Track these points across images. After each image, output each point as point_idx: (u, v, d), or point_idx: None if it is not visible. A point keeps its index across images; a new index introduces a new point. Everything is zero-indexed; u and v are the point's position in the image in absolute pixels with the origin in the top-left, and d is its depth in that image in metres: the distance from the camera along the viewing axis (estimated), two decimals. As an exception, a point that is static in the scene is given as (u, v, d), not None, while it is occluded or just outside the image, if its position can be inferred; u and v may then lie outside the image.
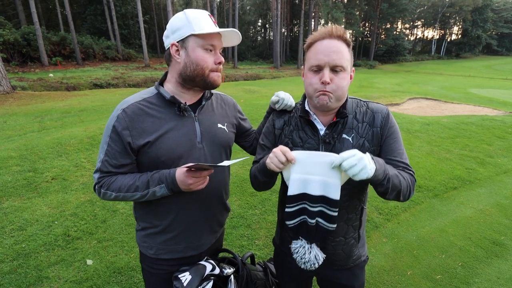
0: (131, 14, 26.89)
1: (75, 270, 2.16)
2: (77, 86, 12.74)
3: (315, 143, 0.97)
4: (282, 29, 34.55)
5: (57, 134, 4.86)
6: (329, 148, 0.96)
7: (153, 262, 1.05)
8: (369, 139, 0.96)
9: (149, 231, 1.03)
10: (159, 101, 0.97)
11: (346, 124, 0.97)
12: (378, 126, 0.97)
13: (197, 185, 0.90)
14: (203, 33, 0.89)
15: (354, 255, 1.08)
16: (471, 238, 2.61)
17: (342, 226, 1.02)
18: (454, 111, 10.00)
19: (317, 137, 0.98)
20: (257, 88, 14.35)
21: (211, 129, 1.04)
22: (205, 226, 1.09)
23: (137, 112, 0.92)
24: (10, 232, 2.54)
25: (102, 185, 0.94)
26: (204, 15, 0.92)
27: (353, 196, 1.01)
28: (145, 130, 0.92)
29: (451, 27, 52.81)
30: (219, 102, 1.13)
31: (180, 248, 1.05)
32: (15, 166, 3.62)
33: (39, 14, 22.78)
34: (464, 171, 4.09)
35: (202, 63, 0.92)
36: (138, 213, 1.06)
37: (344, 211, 1.00)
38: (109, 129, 0.93)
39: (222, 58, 0.96)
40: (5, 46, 16.72)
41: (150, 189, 0.91)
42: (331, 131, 0.97)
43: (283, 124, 1.07)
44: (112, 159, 0.93)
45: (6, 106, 7.80)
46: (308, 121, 0.99)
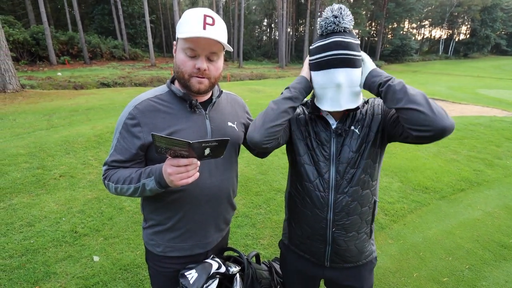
0: (138, 14, 27.10)
1: (82, 266, 2.19)
2: (85, 85, 12.90)
3: (327, 136, 1.02)
4: (287, 28, 34.46)
5: (65, 132, 4.93)
6: (340, 140, 1.00)
7: (160, 260, 1.06)
8: (373, 129, 1.00)
9: (156, 228, 1.04)
10: (171, 98, 0.97)
11: (356, 117, 1.02)
12: (380, 112, 1.01)
13: (179, 178, 0.79)
14: (182, 37, 0.86)
15: (366, 251, 1.09)
16: (478, 240, 2.57)
17: (356, 220, 1.02)
18: (462, 112, 9.86)
19: (329, 130, 1.02)
20: (262, 87, 14.34)
21: (221, 127, 1.04)
22: (212, 224, 1.09)
23: (149, 108, 0.93)
24: (19, 228, 2.58)
25: (106, 176, 0.97)
26: (197, 16, 0.87)
27: (365, 186, 1.01)
28: (157, 126, 0.93)
29: (459, 27, 52.01)
30: (229, 101, 1.14)
31: (187, 246, 1.06)
32: (24, 163, 3.69)
33: (48, 13, 23.12)
34: (471, 172, 4.03)
35: (181, 67, 0.91)
36: (146, 210, 1.07)
37: (357, 203, 1.00)
38: (120, 125, 0.94)
39: (203, 64, 0.89)
40: (15, 45, 17.01)
41: (141, 181, 0.88)
42: (343, 124, 1.01)
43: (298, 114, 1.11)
44: (118, 154, 0.95)
45: (15, 104, 7.93)
46: (319, 116, 1.04)
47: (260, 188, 3.44)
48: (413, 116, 0.80)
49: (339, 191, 0.99)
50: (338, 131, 0.99)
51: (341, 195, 0.99)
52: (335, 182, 0.99)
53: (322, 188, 1.00)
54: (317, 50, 0.94)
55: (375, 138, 0.99)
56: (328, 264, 1.07)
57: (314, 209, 1.02)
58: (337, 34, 0.90)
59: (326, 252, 1.05)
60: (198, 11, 0.88)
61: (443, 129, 0.77)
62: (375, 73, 0.91)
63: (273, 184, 3.56)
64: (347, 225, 1.01)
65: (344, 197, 0.99)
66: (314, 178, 1.01)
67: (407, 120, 0.82)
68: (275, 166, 3.94)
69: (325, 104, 0.96)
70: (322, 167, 1.00)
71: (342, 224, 1.00)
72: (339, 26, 0.90)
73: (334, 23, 0.90)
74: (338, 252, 1.04)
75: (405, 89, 0.83)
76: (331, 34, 0.91)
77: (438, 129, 0.77)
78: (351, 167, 0.99)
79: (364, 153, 0.99)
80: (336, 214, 1.00)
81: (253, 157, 4.26)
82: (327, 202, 1.00)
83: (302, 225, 1.08)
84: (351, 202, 0.99)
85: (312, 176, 1.01)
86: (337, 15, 0.90)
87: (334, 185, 0.99)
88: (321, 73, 0.94)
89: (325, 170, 1.00)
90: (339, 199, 0.99)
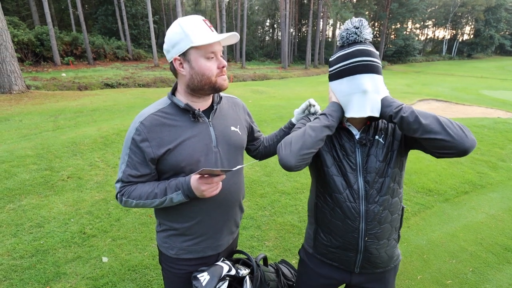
0: (141, 15, 27.25)
1: (91, 267, 2.24)
2: (89, 85, 13.00)
3: (351, 146, 1.02)
4: (290, 29, 34.45)
5: (71, 133, 5.00)
6: (365, 150, 1.01)
7: (174, 262, 1.10)
8: (396, 137, 1.03)
9: (170, 232, 1.08)
10: (174, 110, 1.00)
11: (378, 126, 1.04)
12: None
13: (211, 192, 0.92)
14: (204, 43, 0.90)
15: (395, 256, 1.11)
16: (482, 243, 2.59)
17: (387, 228, 1.03)
18: (465, 113, 9.83)
19: (353, 141, 1.02)
20: (265, 88, 14.36)
21: (225, 132, 1.07)
22: (224, 228, 1.13)
23: (154, 123, 0.96)
24: (29, 229, 2.64)
25: (123, 193, 0.99)
26: (199, 23, 0.92)
27: (394, 194, 1.03)
28: (164, 140, 0.96)
29: (463, 27, 51.75)
30: (230, 105, 1.17)
31: (200, 248, 1.10)
32: (32, 164, 3.75)
33: (52, 14, 23.31)
34: (475, 175, 4.04)
35: (207, 72, 0.95)
36: (159, 216, 1.11)
37: (387, 212, 1.02)
38: (129, 141, 0.97)
39: (225, 61, 0.98)
40: (20, 46, 17.16)
41: (168, 196, 0.95)
42: (366, 134, 1.02)
43: None
44: (133, 170, 0.98)
45: (21, 105, 8.03)
46: (342, 127, 1.05)
47: (264, 190, 3.48)
48: (432, 144, 0.85)
49: (369, 200, 0.99)
50: (362, 141, 1.00)
51: (372, 205, 0.99)
52: (365, 192, 0.99)
53: (353, 198, 1.00)
54: (340, 59, 0.97)
55: (399, 146, 1.01)
56: (358, 270, 1.09)
57: (345, 220, 1.02)
58: (358, 44, 0.94)
59: (357, 260, 1.06)
60: (197, 19, 0.94)
61: (465, 150, 0.83)
62: (386, 103, 0.93)
63: (278, 186, 3.60)
64: (379, 233, 1.02)
65: (375, 207, 1.00)
66: (344, 189, 1.01)
67: (428, 145, 0.88)
68: (279, 168, 3.97)
69: (350, 111, 0.95)
70: (350, 177, 1.00)
71: (374, 233, 1.01)
72: (360, 37, 0.94)
73: (355, 34, 0.94)
74: (370, 259, 1.05)
75: (418, 119, 0.85)
76: (353, 44, 0.95)
77: (460, 151, 0.83)
78: (379, 176, 1.00)
79: (391, 162, 1.01)
80: (368, 223, 1.00)
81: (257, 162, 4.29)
82: (359, 213, 1.00)
83: (332, 235, 1.07)
84: (382, 211, 1.00)
85: (342, 187, 1.01)
86: (358, 26, 0.94)
87: (364, 195, 0.99)
88: (346, 80, 0.95)
89: (354, 181, 1.00)
90: (371, 208, 0.99)
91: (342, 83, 0.96)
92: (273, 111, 7.27)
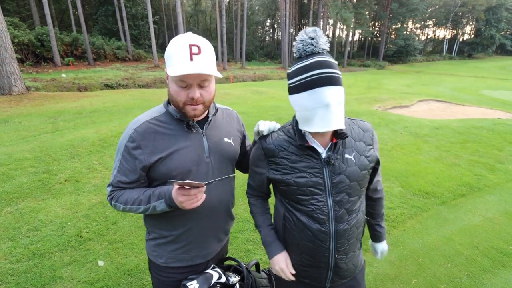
0: (141, 15, 27.28)
1: (87, 270, 2.24)
2: (89, 86, 13.03)
3: (319, 166, 0.97)
4: (290, 29, 34.44)
5: (70, 135, 5.01)
6: (333, 169, 0.97)
7: (163, 270, 1.11)
8: (368, 157, 1.02)
9: (159, 241, 1.09)
10: (169, 119, 1.02)
11: (346, 144, 1.00)
12: (371, 144, 1.05)
13: (190, 204, 0.90)
14: (171, 74, 0.88)
15: (360, 264, 1.14)
16: (478, 247, 2.59)
17: (354, 242, 1.05)
18: (465, 113, 9.84)
19: (319, 160, 0.97)
20: (265, 89, 14.37)
21: (218, 143, 1.09)
22: (212, 236, 1.14)
23: (148, 130, 0.98)
24: (26, 232, 2.65)
25: (112, 197, 1.02)
26: (182, 50, 0.88)
27: (360, 210, 1.05)
28: (157, 148, 0.97)
29: (463, 27, 51.65)
30: (225, 117, 1.18)
31: (188, 257, 1.10)
32: (30, 167, 3.76)
33: (53, 15, 23.36)
34: (473, 177, 4.04)
35: (175, 97, 0.95)
36: (148, 224, 1.12)
37: (355, 228, 1.03)
38: (122, 148, 0.99)
39: (196, 93, 0.93)
40: (20, 47, 17.21)
41: (151, 204, 0.96)
42: (333, 152, 0.97)
43: (276, 150, 1.02)
44: (123, 176, 1.00)
45: (21, 106, 8.05)
46: (307, 146, 0.98)
47: (261, 193, 3.48)
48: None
49: (339, 220, 0.98)
50: (329, 161, 0.96)
51: (342, 224, 0.98)
52: (334, 213, 0.97)
53: (323, 220, 0.97)
54: (299, 71, 0.91)
55: (370, 167, 1.02)
56: (329, 285, 1.09)
57: (315, 241, 1.00)
58: (317, 55, 0.90)
59: (328, 276, 1.06)
60: (183, 42, 0.89)
61: None
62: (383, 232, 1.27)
63: (275, 188, 3.60)
64: (347, 249, 1.03)
65: (345, 225, 0.99)
66: (313, 212, 0.98)
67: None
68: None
69: (314, 126, 0.90)
70: (318, 198, 0.97)
71: (343, 250, 1.02)
72: (317, 47, 0.90)
73: (312, 45, 0.90)
74: (339, 273, 1.06)
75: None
76: (311, 56, 0.90)
77: None
78: (348, 195, 0.98)
79: (362, 181, 1.01)
80: (338, 242, 1.00)
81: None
82: (329, 234, 0.98)
83: (302, 255, 1.05)
84: (350, 229, 1.00)
85: (310, 209, 0.98)
86: (313, 37, 0.90)
87: (334, 216, 0.97)
88: (306, 94, 0.90)
89: (323, 202, 0.97)
90: (340, 228, 0.98)
91: (303, 97, 0.91)
92: (272, 112, 7.28)
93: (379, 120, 6.87)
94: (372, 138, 1.05)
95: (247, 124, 5.48)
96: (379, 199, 1.21)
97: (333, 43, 39.45)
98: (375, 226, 1.26)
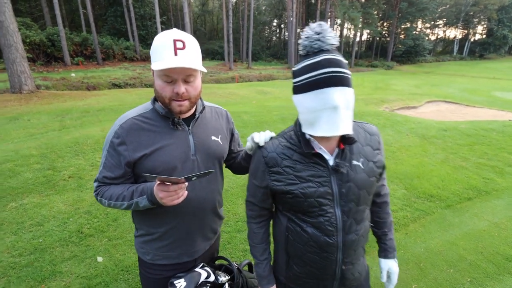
0: (149, 15, 27.60)
1: (86, 266, 2.27)
2: (97, 85, 13.22)
3: (326, 174, 0.90)
4: (297, 29, 34.30)
5: (76, 133, 5.09)
6: (341, 177, 0.90)
7: (150, 267, 1.11)
8: (376, 162, 0.96)
9: (145, 238, 1.09)
10: (154, 116, 1.02)
11: (353, 149, 0.93)
12: (378, 148, 0.99)
13: (170, 200, 0.88)
14: (155, 69, 0.88)
15: (364, 270, 1.09)
16: (483, 252, 2.52)
17: (360, 251, 1.01)
18: (476, 115, 9.62)
19: (327, 167, 0.90)
20: (270, 89, 14.35)
21: (204, 141, 1.08)
22: (198, 234, 1.13)
23: (133, 127, 0.98)
24: (29, 227, 2.69)
25: (98, 193, 1.03)
26: (166, 44, 0.89)
27: (367, 219, 1.00)
28: (141, 144, 0.97)
29: (475, 27, 50.51)
30: (213, 115, 1.17)
31: (175, 254, 1.10)
32: (35, 164, 3.83)
33: (63, 15, 23.83)
34: (480, 180, 3.94)
35: (161, 93, 0.95)
36: (136, 221, 1.12)
37: (361, 237, 0.98)
38: (107, 144, 0.99)
39: (181, 88, 0.92)
40: (31, 47, 17.60)
41: (134, 200, 0.96)
42: (341, 158, 0.90)
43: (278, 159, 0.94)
44: (108, 172, 1.00)
45: (30, 104, 8.22)
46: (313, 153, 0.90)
47: (262, 193, 3.46)
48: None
49: (347, 231, 0.92)
50: (338, 168, 0.89)
51: (350, 235, 0.93)
52: (343, 223, 0.91)
53: (331, 232, 0.91)
54: (305, 69, 0.83)
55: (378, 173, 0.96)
56: None
57: (322, 253, 0.94)
58: (325, 53, 0.81)
59: (334, 286, 1.01)
60: (167, 37, 0.89)
61: None
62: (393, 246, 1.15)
63: (276, 188, 3.58)
64: (354, 259, 0.98)
65: (353, 236, 0.94)
66: (320, 223, 0.91)
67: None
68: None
69: (319, 129, 0.82)
70: (326, 209, 0.90)
71: (350, 260, 0.97)
72: (325, 43, 0.82)
73: (319, 40, 0.82)
74: (345, 283, 1.01)
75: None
76: (319, 53, 0.82)
77: None
78: (357, 204, 0.92)
79: (370, 189, 0.95)
80: (345, 253, 0.94)
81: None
82: (337, 245, 0.92)
83: (307, 267, 0.99)
84: (358, 239, 0.96)
85: (318, 221, 0.91)
86: (320, 31, 0.82)
87: (342, 226, 0.91)
88: (312, 94, 0.82)
89: (331, 213, 0.91)
90: (348, 238, 0.93)
91: (309, 98, 0.83)
92: (276, 112, 7.25)
93: (385, 121, 6.77)
94: (379, 142, 1.00)
95: (250, 124, 5.52)
96: (384, 204, 1.13)
97: (341, 43, 39.12)
98: (381, 237, 1.14)
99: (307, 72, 0.83)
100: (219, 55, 34.32)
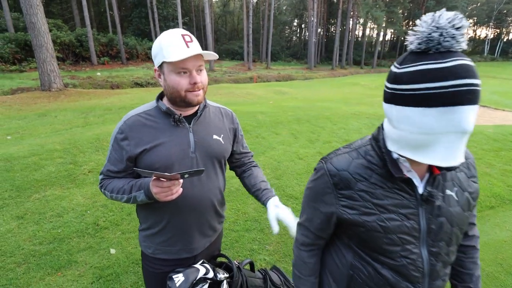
0: (172, 16, 28.36)
1: (100, 257, 2.38)
2: (120, 84, 13.79)
3: (413, 205, 0.72)
4: (318, 29, 33.90)
5: (98, 130, 5.34)
6: (431, 210, 0.72)
7: (151, 261, 1.15)
8: (472, 193, 0.77)
9: (147, 232, 1.13)
10: (157, 113, 1.06)
11: (446, 176, 0.74)
12: (474, 175, 0.80)
13: (164, 196, 0.91)
14: (172, 60, 0.92)
15: None
16: (502, 264, 2.38)
17: None
18: (505, 119, 9.05)
19: (415, 197, 0.72)
20: (288, 89, 14.28)
21: (205, 140, 1.09)
22: (197, 231, 1.15)
23: (136, 123, 1.03)
24: (49, 218, 2.86)
25: (102, 185, 1.08)
26: (176, 39, 0.94)
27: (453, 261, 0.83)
28: (142, 140, 1.01)
29: (508, 26, 47.51)
30: (217, 114, 1.19)
31: (174, 250, 1.13)
32: (58, 158, 4.06)
33: (91, 17, 25.03)
34: (505, 188, 3.71)
35: (177, 87, 0.98)
36: (139, 215, 1.17)
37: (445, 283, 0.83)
38: (113, 139, 1.05)
39: (197, 78, 0.98)
40: (62, 47, 18.66)
41: (133, 194, 1.00)
42: (433, 186, 0.72)
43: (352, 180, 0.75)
44: (112, 165, 1.05)
45: (58, 102, 8.71)
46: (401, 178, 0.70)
47: (272, 193, 3.46)
48: None
49: (434, 277, 0.75)
50: (430, 198, 0.71)
51: (437, 281, 0.76)
52: (430, 267, 0.74)
53: (416, 278, 0.74)
54: (431, 75, 0.59)
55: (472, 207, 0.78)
56: None
57: None
58: (455, 55, 0.60)
59: None
60: (174, 34, 0.96)
61: None
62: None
63: (286, 189, 3.57)
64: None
65: (440, 283, 0.77)
66: (403, 267, 0.73)
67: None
68: (290, 171, 3.94)
69: (433, 157, 0.63)
70: (411, 249, 0.72)
71: None
72: (459, 43, 0.61)
73: (453, 38, 0.60)
74: None
75: None
76: (448, 54, 0.60)
77: None
78: (448, 245, 0.75)
79: (464, 226, 0.76)
80: None
81: (269, 161, 4.29)
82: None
83: None
84: (443, 285, 0.79)
85: (399, 263, 0.73)
86: (460, 26, 0.60)
87: (429, 271, 0.74)
88: (436, 112, 0.60)
89: (416, 254, 0.73)
90: (435, 285, 0.76)
91: (430, 114, 0.61)
92: (291, 113, 7.21)
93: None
94: (474, 167, 0.81)
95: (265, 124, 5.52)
96: (472, 250, 0.89)
97: (363, 43, 38.15)
98: None
99: (431, 79, 0.59)
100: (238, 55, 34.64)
